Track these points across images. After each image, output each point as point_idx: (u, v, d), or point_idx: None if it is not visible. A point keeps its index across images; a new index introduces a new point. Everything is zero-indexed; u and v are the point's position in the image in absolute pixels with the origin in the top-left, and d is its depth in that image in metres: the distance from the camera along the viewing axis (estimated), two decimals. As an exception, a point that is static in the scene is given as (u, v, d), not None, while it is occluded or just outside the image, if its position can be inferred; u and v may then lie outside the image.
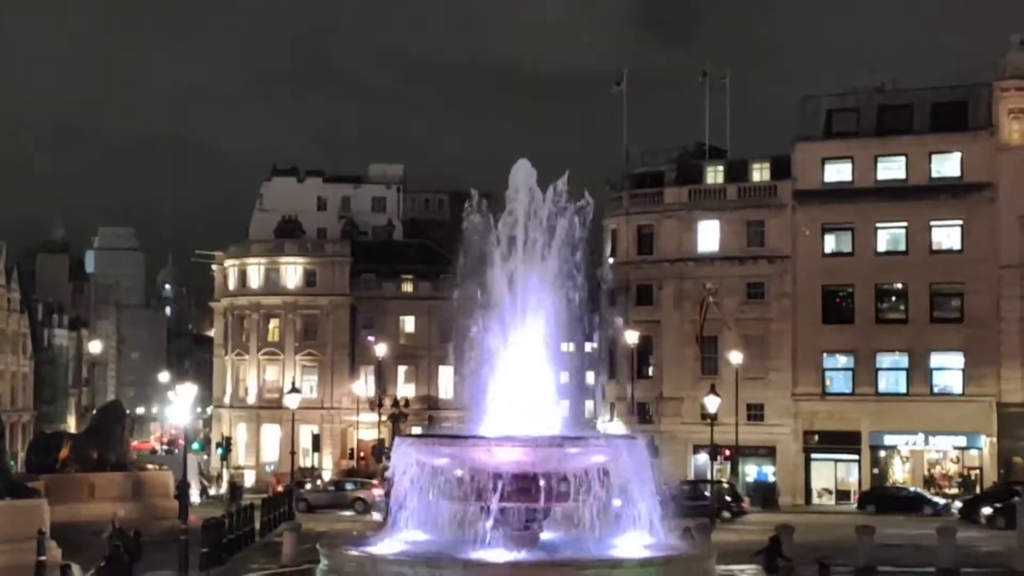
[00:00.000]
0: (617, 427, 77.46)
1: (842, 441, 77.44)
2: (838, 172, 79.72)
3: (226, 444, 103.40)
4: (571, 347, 30.04)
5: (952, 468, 76.78)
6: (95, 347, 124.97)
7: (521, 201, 28.41)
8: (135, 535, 37.07)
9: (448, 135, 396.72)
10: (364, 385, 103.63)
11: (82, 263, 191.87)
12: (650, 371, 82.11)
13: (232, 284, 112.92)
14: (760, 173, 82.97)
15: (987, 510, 61.91)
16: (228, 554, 40.99)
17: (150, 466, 64.85)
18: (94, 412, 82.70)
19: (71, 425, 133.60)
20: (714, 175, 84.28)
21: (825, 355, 78.95)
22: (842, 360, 79.05)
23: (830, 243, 79.58)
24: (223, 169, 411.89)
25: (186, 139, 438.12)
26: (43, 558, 36.06)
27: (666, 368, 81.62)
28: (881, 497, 71.71)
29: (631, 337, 74.94)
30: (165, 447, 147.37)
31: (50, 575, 35.47)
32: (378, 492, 63.78)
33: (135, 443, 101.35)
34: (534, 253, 28.34)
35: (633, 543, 26.48)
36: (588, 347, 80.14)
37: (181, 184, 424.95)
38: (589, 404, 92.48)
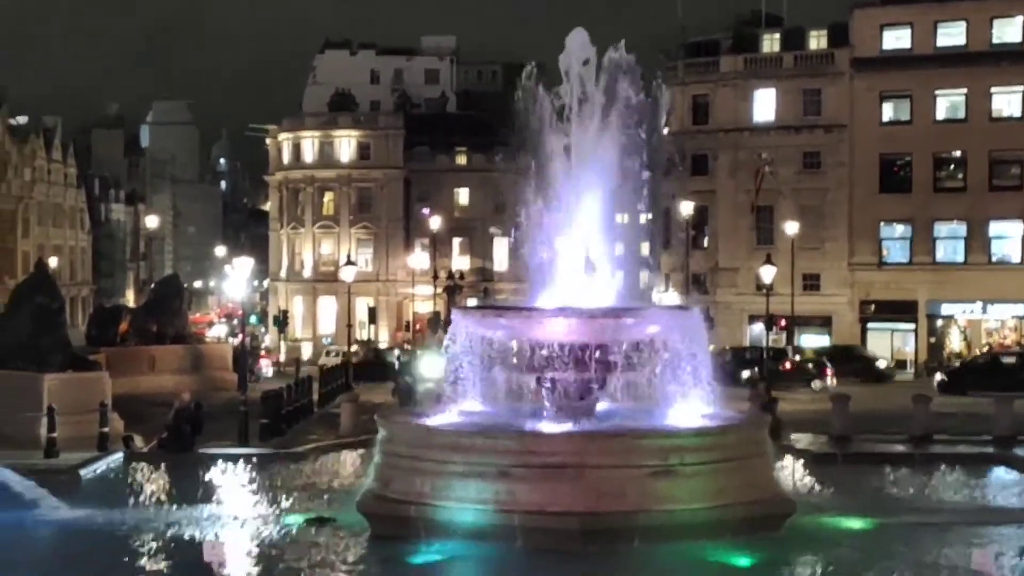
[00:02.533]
0: (672, 298, 77.42)
1: (899, 311, 77.13)
2: (897, 39, 78.48)
3: (283, 317, 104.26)
4: (626, 218, 29.77)
5: (1010, 337, 76.36)
6: (152, 221, 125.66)
7: (575, 70, 28.04)
8: (196, 407, 37.51)
9: (501, 5, 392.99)
10: (419, 258, 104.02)
11: (137, 138, 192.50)
12: (705, 242, 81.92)
13: (286, 158, 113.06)
14: (817, 41, 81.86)
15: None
16: (287, 425, 41.46)
17: (209, 339, 65.64)
18: (152, 286, 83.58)
19: (129, 299, 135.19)
20: (770, 43, 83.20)
21: (882, 224, 78.38)
22: (899, 229, 78.50)
23: (888, 111, 78.64)
24: (275, 42, 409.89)
25: (235, 10, 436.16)
26: (106, 429, 36.67)
27: (721, 238, 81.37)
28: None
29: (686, 208, 74.59)
30: (223, 320, 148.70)
31: (113, 446, 36.07)
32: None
33: (193, 316, 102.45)
34: (589, 123, 28.04)
35: (688, 413, 26.50)
36: (643, 218, 79.74)
37: (233, 58, 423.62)
38: (644, 275, 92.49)
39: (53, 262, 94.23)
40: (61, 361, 40.36)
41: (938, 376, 63.47)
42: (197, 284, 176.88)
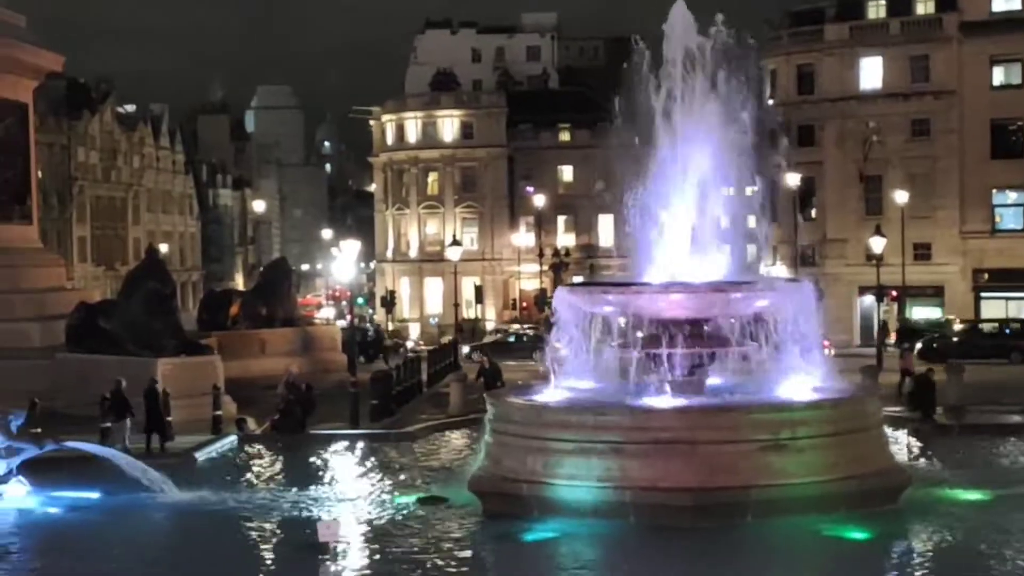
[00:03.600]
0: (780, 271, 76.63)
1: (1013, 279, 75.65)
2: (1007, 1, 76.97)
3: (390, 298, 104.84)
4: (732, 191, 29.49)
5: None
6: (259, 206, 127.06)
7: (679, 44, 27.82)
8: (307, 388, 37.82)
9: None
10: (524, 236, 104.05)
11: (242, 123, 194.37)
12: (813, 213, 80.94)
13: (390, 139, 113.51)
14: (924, 6, 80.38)
15: None
16: (397, 405, 41.67)
17: (317, 321, 65.99)
18: (261, 269, 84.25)
19: (239, 283, 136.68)
20: (876, 9, 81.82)
21: (994, 191, 76.95)
22: (1012, 196, 76.99)
23: (998, 75, 77.12)
24: (377, 23, 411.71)
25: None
26: (219, 412, 37.14)
27: (829, 210, 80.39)
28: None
29: (792, 179, 73.74)
30: (331, 302, 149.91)
31: (226, 428, 36.52)
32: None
33: (301, 299, 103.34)
34: (693, 96, 27.82)
35: (800, 386, 26.24)
36: (749, 191, 79.15)
37: (336, 40, 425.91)
38: (752, 248, 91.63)
39: (163, 248, 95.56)
40: (174, 346, 40.89)
41: None
42: (304, 267, 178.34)
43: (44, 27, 59.46)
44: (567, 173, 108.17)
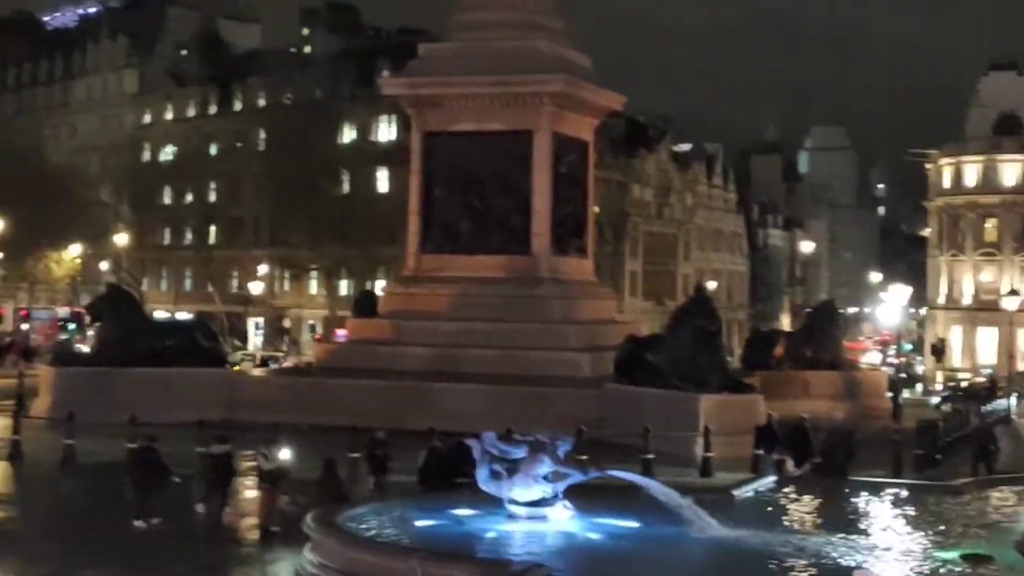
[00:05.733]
0: None
1: None
2: None
3: (940, 346, 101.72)
4: None
5: None
6: (807, 247, 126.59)
7: None
8: (848, 434, 37.17)
9: None
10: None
11: (794, 163, 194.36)
12: None
13: (946, 183, 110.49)
14: None
15: None
16: (943, 456, 40.24)
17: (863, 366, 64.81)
18: (808, 311, 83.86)
19: (784, 323, 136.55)
20: None
21: None
22: None
23: None
24: (936, 64, 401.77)
25: (893, 33, 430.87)
26: (758, 452, 37.08)
27: None
28: None
29: None
30: (877, 348, 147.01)
31: (764, 468, 36.38)
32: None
33: (848, 343, 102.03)
34: None
35: None
36: None
37: (892, 82, 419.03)
38: None
39: (711, 285, 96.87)
40: (718, 382, 41.26)
41: None
42: (851, 310, 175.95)
43: (606, 68, 61.76)
44: None
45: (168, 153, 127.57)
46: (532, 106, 51.41)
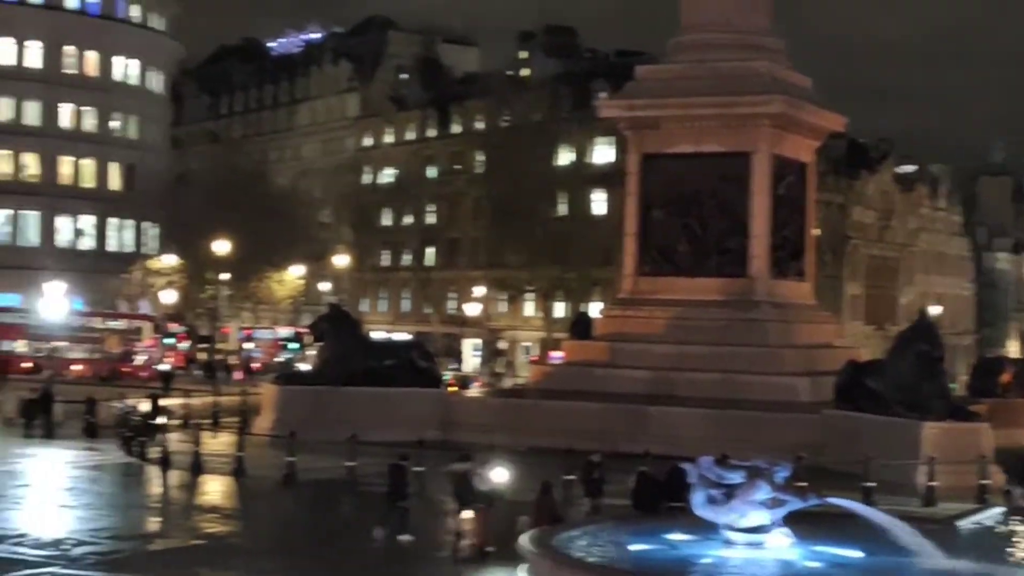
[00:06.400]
0: None
1: None
2: None
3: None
4: None
5: None
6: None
7: None
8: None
9: None
10: None
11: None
12: None
13: None
14: None
15: None
16: None
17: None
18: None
19: (1012, 350, 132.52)
20: None
21: None
22: None
23: None
24: None
25: None
26: (986, 481, 35.98)
27: None
28: None
29: None
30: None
31: (992, 498, 35.30)
32: None
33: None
34: None
35: None
36: None
37: None
38: None
39: (935, 310, 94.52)
40: (942, 409, 40.20)
41: None
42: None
43: (826, 89, 60.88)
44: None
45: (388, 175, 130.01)
46: (751, 127, 50.95)
